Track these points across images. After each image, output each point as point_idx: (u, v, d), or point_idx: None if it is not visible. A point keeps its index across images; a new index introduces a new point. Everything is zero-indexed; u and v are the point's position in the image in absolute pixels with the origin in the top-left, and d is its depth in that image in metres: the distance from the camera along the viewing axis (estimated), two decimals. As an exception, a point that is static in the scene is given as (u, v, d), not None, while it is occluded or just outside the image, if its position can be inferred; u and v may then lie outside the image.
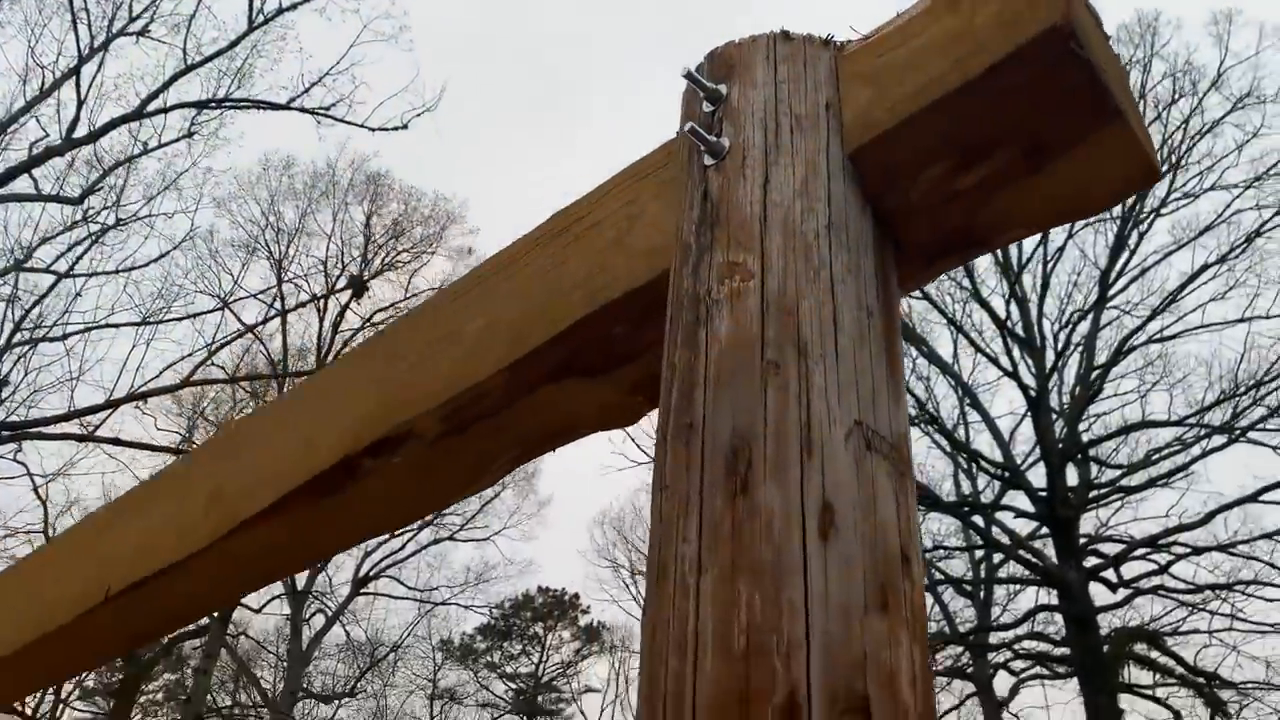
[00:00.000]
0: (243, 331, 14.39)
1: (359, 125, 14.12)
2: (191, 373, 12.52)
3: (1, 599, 1.79)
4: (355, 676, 27.89)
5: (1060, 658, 13.62)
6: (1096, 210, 0.88)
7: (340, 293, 16.90)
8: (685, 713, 0.65)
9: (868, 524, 0.71)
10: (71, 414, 12.07)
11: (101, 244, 12.31)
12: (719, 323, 0.81)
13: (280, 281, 15.50)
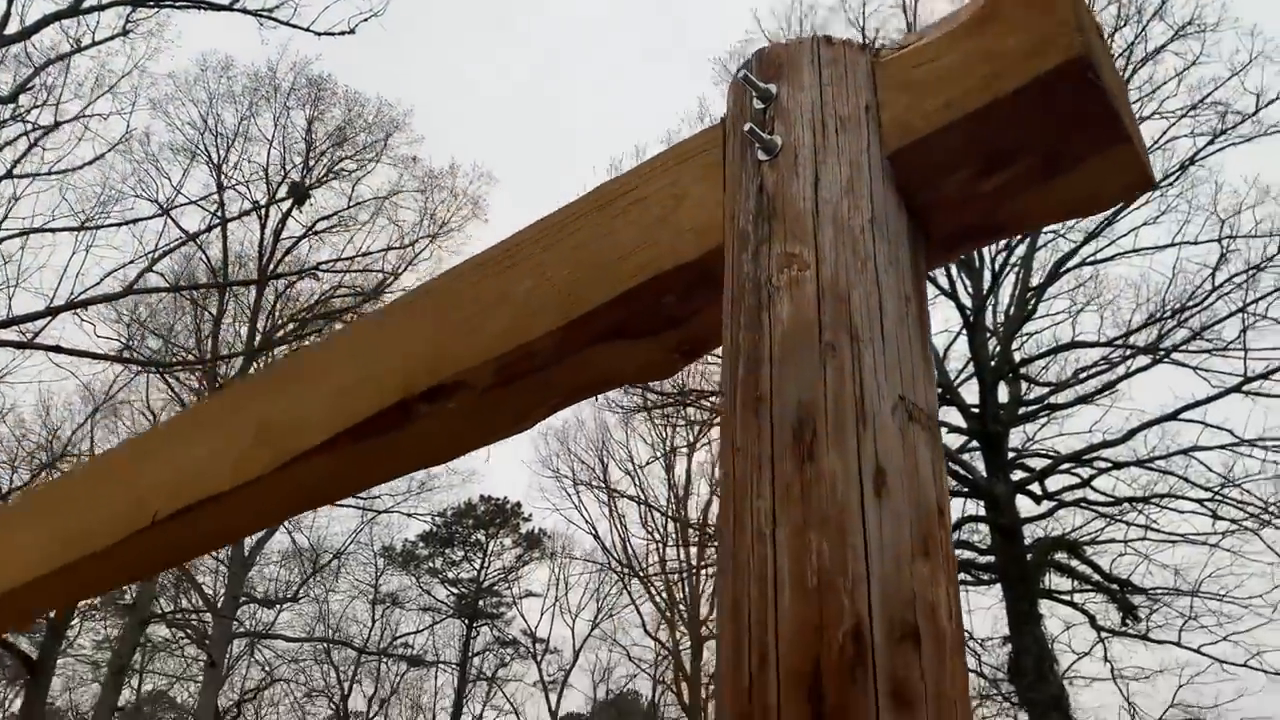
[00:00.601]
0: (184, 240, 14.11)
1: (305, 29, 13.71)
2: (134, 281, 12.30)
3: (40, 519, 1.89)
4: (298, 582, 28.16)
5: (985, 565, 14.29)
6: (1100, 210, 1.03)
7: (282, 201, 16.57)
8: (769, 637, 0.80)
9: (911, 484, 0.86)
10: (10, 321, 11.84)
11: (41, 148, 11.93)
12: (780, 307, 0.95)
13: (221, 188, 15.17)
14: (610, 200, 1.26)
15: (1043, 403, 15.57)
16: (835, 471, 0.84)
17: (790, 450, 0.87)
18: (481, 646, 39.26)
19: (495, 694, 40.68)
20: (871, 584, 0.80)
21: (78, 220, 12.34)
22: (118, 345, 15.67)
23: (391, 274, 19.23)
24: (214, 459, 1.61)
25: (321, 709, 39.17)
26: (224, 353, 17.48)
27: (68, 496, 1.88)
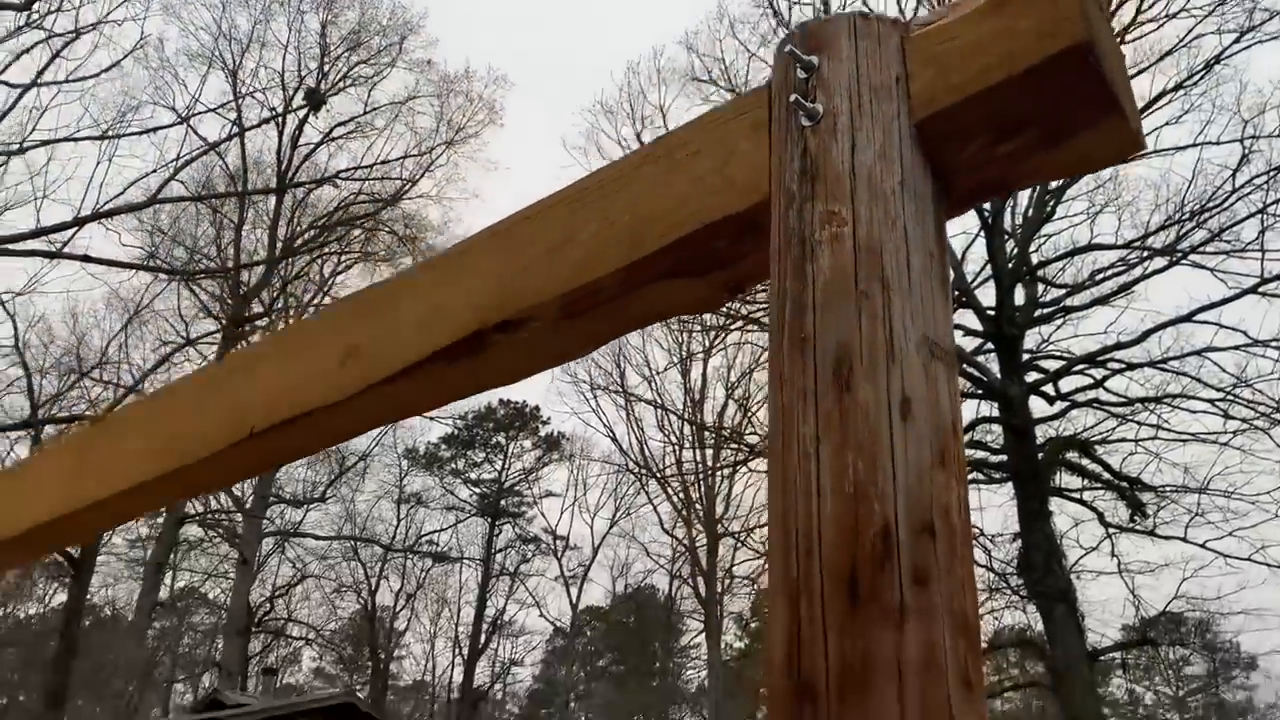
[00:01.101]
0: (205, 150, 14.17)
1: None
2: (157, 191, 12.43)
3: (147, 427, 2.10)
4: (325, 483, 28.92)
5: (997, 465, 14.61)
6: (1096, 169, 1.18)
7: (299, 110, 16.54)
8: (814, 537, 0.99)
9: (932, 410, 1.04)
10: (39, 231, 12.03)
11: (64, 58, 11.93)
12: (822, 260, 1.11)
13: (238, 96, 15.15)
14: (667, 153, 1.42)
15: (1058, 305, 15.68)
16: (868, 401, 1.02)
17: (831, 384, 1.05)
18: (504, 543, 40.35)
19: (518, 588, 41.96)
20: (897, 493, 0.98)
21: (100, 130, 12.42)
22: (143, 254, 15.88)
23: (410, 181, 19.25)
24: (305, 379, 1.79)
25: (350, 603, 40.55)
26: (245, 260, 17.70)
27: (172, 407, 2.08)
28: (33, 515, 2.31)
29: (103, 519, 2.40)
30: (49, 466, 2.37)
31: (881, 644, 0.91)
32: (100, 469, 2.17)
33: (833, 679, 0.91)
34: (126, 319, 16.64)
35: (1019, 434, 13.56)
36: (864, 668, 0.91)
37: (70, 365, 21.19)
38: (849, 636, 0.93)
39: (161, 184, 12.54)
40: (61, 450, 2.46)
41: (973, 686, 0.94)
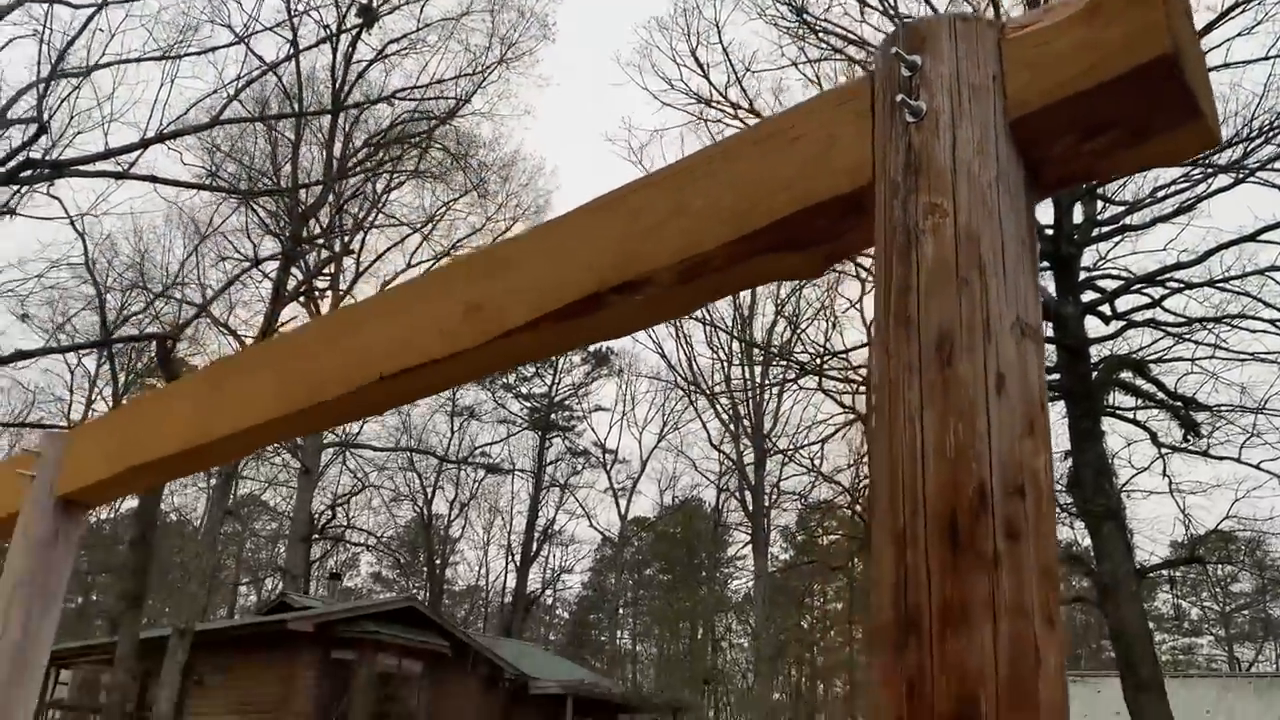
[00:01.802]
0: (263, 71, 14.32)
1: None
2: (219, 112, 12.64)
3: (278, 366, 2.29)
4: (381, 397, 29.58)
5: (1050, 384, 14.60)
6: (1175, 164, 1.31)
7: (352, 29, 16.56)
8: (919, 493, 1.16)
9: (1023, 384, 1.19)
10: (108, 153, 12.33)
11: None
12: (926, 248, 1.26)
13: (291, 14, 15.19)
14: (773, 134, 1.55)
15: (1118, 223, 15.45)
16: (967, 376, 1.18)
17: (934, 359, 1.20)
18: (554, 456, 41.15)
19: (568, 499, 42.91)
20: (992, 456, 1.14)
21: (161, 51, 12.59)
22: (204, 174, 16.17)
23: (462, 100, 19.26)
24: (428, 330, 1.97)
25: (407, 512, 41.82)
26: (302, 180, 17.93)
27: (302, 349, 2.27)
28: (171, 444, 2.54)
29: (234, 449, 2.63)
30: (185, 398, 2.59)
31: (978, 587, 1.09)
32: (233, 403, 2.38)
33: (935, 615, 1.09)
34: (198, 241, 17.07)
35: (1073, 353, 13.54)
36: (963, 607, 1.08)
37: (134, 281, 21.78)
38: (950, 580, 1.10)
39: (223, 105, 12.75)
40: (196, 383, 2.69)
41: (1054, 625, 1.11)
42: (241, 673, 21.53)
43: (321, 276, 23.23)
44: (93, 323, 20.50)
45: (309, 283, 21.41)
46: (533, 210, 30.64)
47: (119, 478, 2.79)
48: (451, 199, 27.76)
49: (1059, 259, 14.08)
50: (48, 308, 22.67)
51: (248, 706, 20.90)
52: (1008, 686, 1.05)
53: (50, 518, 2.95)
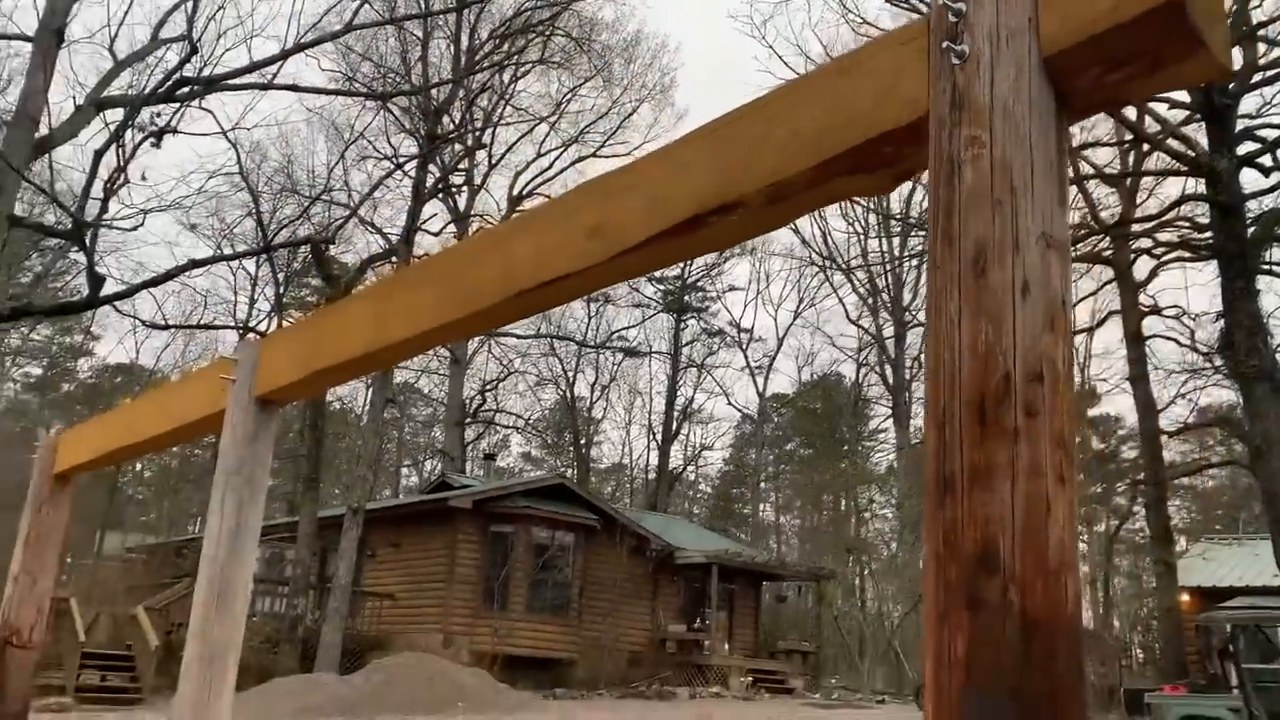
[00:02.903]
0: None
1: None
2: (352, 17, 13.11)
3: (437, 282, 2.66)
4: (521, 286, 30.54)
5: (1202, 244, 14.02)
6: (1187, 87, 1.49)
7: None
8: (957, 377, 1.42)
9: (1045, 289, 1.43)
10: (252, 66, 12.97)
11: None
12: (967, 174, 1.49)
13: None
14: (848, 69, 1.77)
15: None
16: (997, 284, 1.42)
17: (971, 269, 1.45)
18: (690, 337, 41.72)
19: (705, 379, 43.58)
20: (1016, 350, 1.40)
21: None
22: (341, 78, 16.79)
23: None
24: (558, 249, 2.29)
25: (551, 395, 43.39)
26: (433, 78, 18.37)
27: (455, 268, 2.64)
28: (350, 349, 2.97)
29: (403, 353, 3.06)
30: (360, 311, 3.02)
31: (1000, 454, 1.36)
32: (401, 315, 2.77)
33: (965, 476, 1.37)
34: (343, 149, 17.86)
35: (1226, 211, 12.91)
36: (987, 470, 1.36)
37: (283, 185, 22.96)
38: (978, 449, 1.38)
39: (354, 9, 13.20)
40: (369, 298, 3.11)
41: (1064, 482, 1.38)
42: (409, 546, 23.27)
43: (457, 172, 23.91)
44: (250, 227, 21.80)
45: (445, 179, 22.11)
46: (657, 90, 30.45)
47: (307, 380, 3.26)
48: (576, 85, 27.86)
49: (1212, 110, 13.32)
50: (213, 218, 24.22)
51: (416, 576, 22.66)
52: (1022, 530, 1.34)
53: (251, 416, 3.46)
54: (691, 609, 25.57)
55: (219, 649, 3.32)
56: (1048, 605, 1.32)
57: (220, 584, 3.33)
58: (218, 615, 3.31)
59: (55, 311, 13.21)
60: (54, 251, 15.36)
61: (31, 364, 49.87)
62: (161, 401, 4.31)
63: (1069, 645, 1.33)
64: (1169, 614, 18.57)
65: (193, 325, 26.34)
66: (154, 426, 4.27)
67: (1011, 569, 1.33)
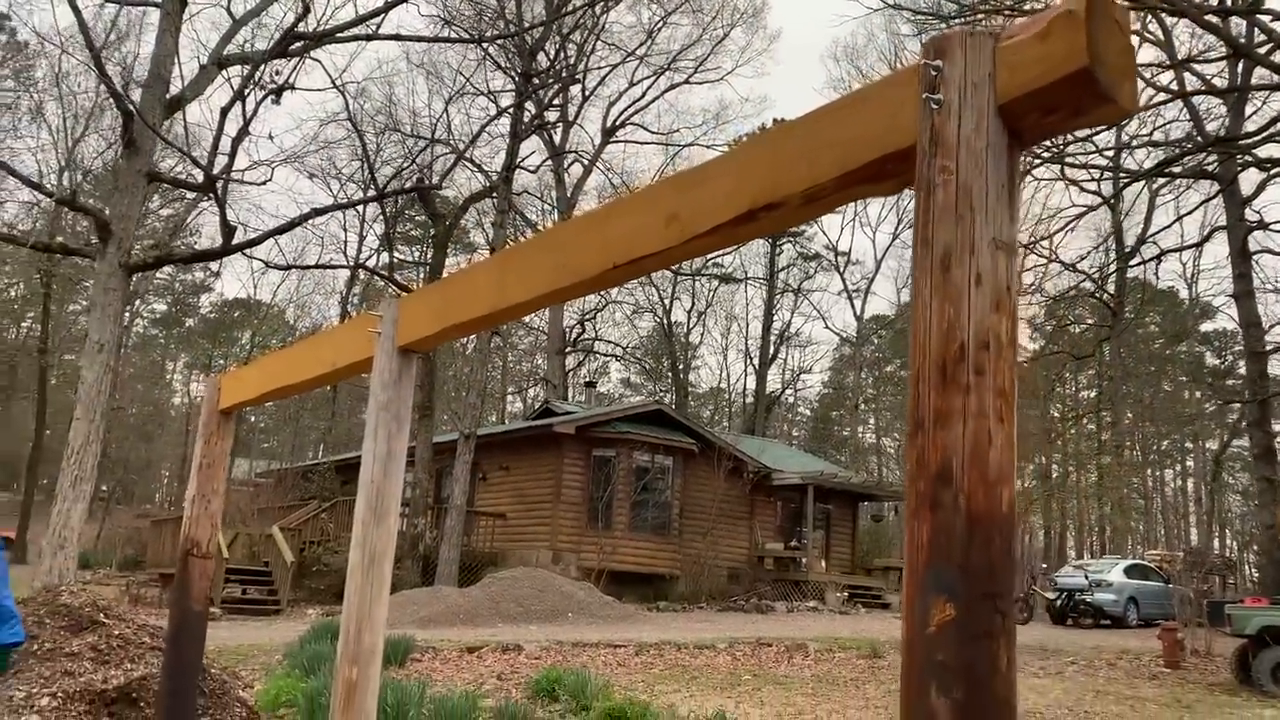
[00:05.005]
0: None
1: None
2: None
3: (547, 253, 3.28)
4: (616, 216, 31.16)
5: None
6: (1108, 124, 1.98)
7: None
8: (928, 346, 1.97)
9: (994, 280, 1.95)
10: (358, 20, 13.68)
11: None
12: (938, 194, 2.01)
13: None
14: (865, 100, 2.30)
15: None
16: (958, 277, 1.96)
17: (939, 266, 1.98)
18: (785, 262, 41.77)
19: (802, 303, 43.70)
20: (970, 325, 1.93)
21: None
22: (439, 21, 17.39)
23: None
24: (642, 232, 2.87)
25: (648, 323, 44.11)
26: (526, 17, 18.80)
27: (563, 241, 3.24)
28: (477, 308, 3.62)
29: (520, 311, 3.70)
30: (485, 276, 3.66)
31: (955, 402, 1.91)
32: (519, 280, 3.40)
33: (927, 419, 1.93)
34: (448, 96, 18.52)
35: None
36: (947, 413, 1.92)
37: (386, 124, 23.88)
38: (940, 400, 1.93)
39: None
40: (492, 265, 3.75)
41: (1003, 421, 1.92)
42: (518, 469, 24.47)
43: (551, 108, 24.46)
44: (358, 168, 22.80)
45: (541, 116, 22.69)
46: (749, 13, 30.22)
47: (441, 333, 3.94)
48: (667, 13, 27.90)
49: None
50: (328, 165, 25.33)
51: (525, 497, 23.88)
52: (970, 455, 1.90)
53: (394, 362, 4.18)
54: (789, 528, 26.32)
55: (378, 555, 4.08)
56: (987, 507, 1.89)
57: (376, 500, 4.08)
58: (376, 526, 4.07)
59: (194, 259, 14.35)
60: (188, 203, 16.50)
61: (158, 300, 52.78)
62: (315, 348, 5.07)
63: (1002, 534, 1.89)
64: (1269, 531, 18.50)
65: (311, 265, 27.74)
66: (309, 370, 5.05)
67: (961, 482, 1.89)
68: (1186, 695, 12.52)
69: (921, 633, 1.87)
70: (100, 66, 11.87)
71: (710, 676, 12.14)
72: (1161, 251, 19.90)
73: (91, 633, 6.94)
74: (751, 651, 14.43)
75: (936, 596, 1.86)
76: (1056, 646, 16.84)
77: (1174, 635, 15.12)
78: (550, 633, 15.09)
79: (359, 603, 4.01)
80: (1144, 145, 19.00)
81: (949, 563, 1.88)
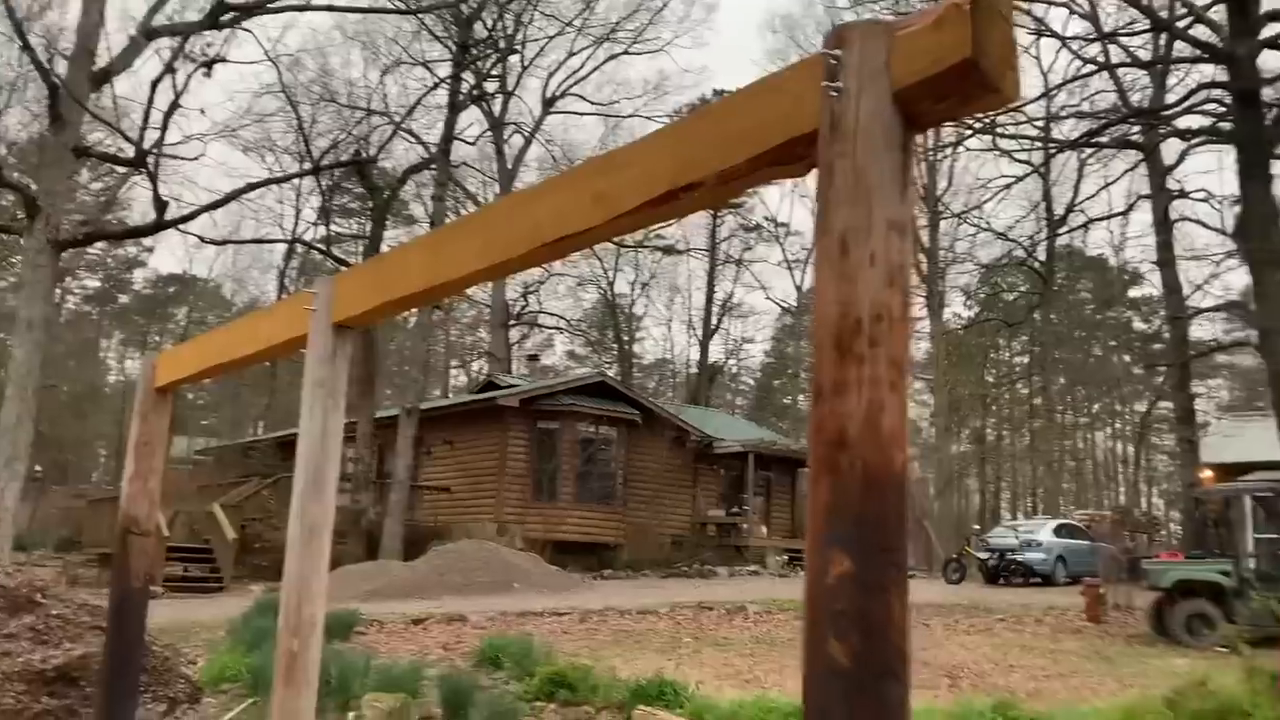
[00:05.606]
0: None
1: None
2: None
3: (477, 233, 3.37)
4: (557, 187, 31.10)
5: (1218, 132, 14.21)
6: (993, 110, 2.13)
7: None
8: (829, 325, 2.12)
9: (888, 258, 2.09)
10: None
11: None
12: (838, 178, 2.15)
13: None
14: (774, 87, 2.42)
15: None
16: (856, 257, 2.09)
17: (838, 247, 2.12)
18: (727, 233, 42.06)
19: (743, 274, 44.07)
20: (865, 301, 2.08)
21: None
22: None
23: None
24: (570, 211, 2.97)
25: (592, 294, 44.17)
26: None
27: (495, 221, 3.33)
28: (411, 285, 3.70)
29: (452, 290, 3.79)
30: (418, 255, 3.74)
31: (851, 372, 2.06)
32: (451, 259, 3.49)
33: (826, 388, 2.08)
34: (384, 68, 18.29)
35: (1244, 97, 13.10)
36: (844, 382, 2.06)
37: (320, 95, 23.53)
38: (838, 370, 2.08)
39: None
40: (423, 244, 3.84)
41: (895, 389, 2.07)
42: (462, 443, 24.48)
43: (490, 79, 24.29)
44: (292, 140, 22.48)
45: (480, 86, 22.53)
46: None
47: (375, 309, 4.02)
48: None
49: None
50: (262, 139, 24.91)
51: (470, 471, 23.92)
52: (864, 421, 2.05)
53: (329, 338, 4.24)
54: (731, 495, 26.72)
55: (317, 527, 4.16)
56: (880, 468, 2.04)
57: (313, 474, 4.16)
58: (314, 500, 4.15)
59: (126, 235, 14.09)
60: (119, 177, 16.17)
61: (89, 277, 51.51)
62: (252, 325, 5.10)
63: (894, 492, 2.04)
64: (1189, 489, 19.26)
65: (247, 240, 27.29)
66: (244, 348, 5.08)
67: (857, 446, 2.05)
68: (1106, 647, 13.08)
69: (821, 585, 2.02)
70: (23, 37, 11.58)
71: (652, 640, 12.39)
72: (1089, 220, 20.48)
73: (29, 613, 6.91)
74: (693, 616, 14.73)
75: (834, 551, 2.01)
76: (987, 604, 17.40)
77: (1096, 591, 15.72)
78: (495, 603, 15.24)
79: (299, 575, 4.09)
80: (1072, 116, 19.45)
81: (845, 520, 2.04)
